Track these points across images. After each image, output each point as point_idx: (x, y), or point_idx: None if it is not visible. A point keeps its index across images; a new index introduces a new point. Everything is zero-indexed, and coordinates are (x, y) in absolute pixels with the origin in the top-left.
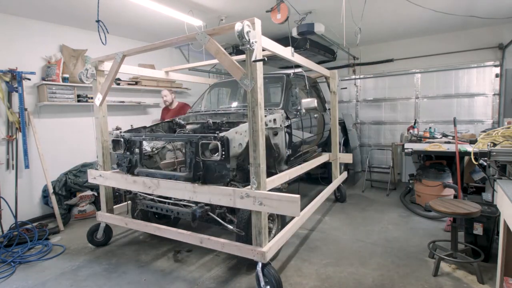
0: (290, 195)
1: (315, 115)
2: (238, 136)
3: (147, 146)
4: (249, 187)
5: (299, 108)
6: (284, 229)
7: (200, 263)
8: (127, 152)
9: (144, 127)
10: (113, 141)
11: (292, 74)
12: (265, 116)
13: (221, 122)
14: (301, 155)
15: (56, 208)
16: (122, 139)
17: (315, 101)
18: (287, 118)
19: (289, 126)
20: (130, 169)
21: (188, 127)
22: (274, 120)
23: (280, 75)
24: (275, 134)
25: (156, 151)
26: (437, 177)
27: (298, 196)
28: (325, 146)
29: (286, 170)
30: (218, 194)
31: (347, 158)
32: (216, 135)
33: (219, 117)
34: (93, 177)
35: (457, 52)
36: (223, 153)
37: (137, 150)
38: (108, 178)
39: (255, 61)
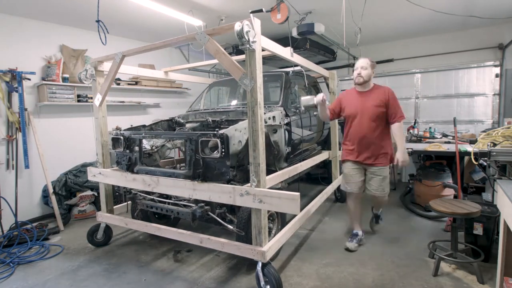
0: (290, 193)
1: (315, 113)
2: (237, 133)
3: (146, 144)
4: (248, 184)
5: (298, 106)
6: (284, 229)
7: (200, 263)
8: (127, 150)
9: (144, 126)
10: (113, 139)
11: (291, 72)
12: (264, 113)
13: (221, 120)
14: (300, 153)
15: (56, 208)
16: (121, 137)
17: (314, 98)
18: (287, 115)
19: (288, 124)
20: (129, 167)
21: (188, 125)
22: (273, 117)
23: (279, 73)
24: (275, 131)
25: (155, 149)
26: (437, 177)
27: (298, 193)
28: (325, 144)
29: (286, 168)
30: (218, 192)
31: None
32: (215, 132)
33: (218, 115)
34: (92, 174)
35: (457, 52)
36: (223, 150)
37: (136, 148)
38: (108, 176)
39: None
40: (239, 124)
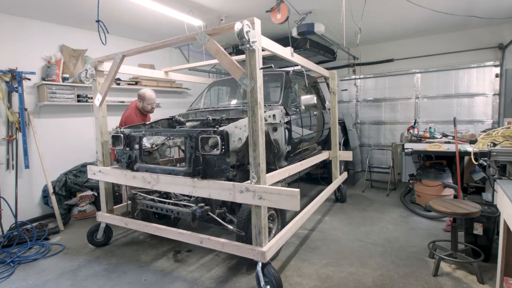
0: (290, 189)
1: (315, 113)
2: (237, 130)
3: (146, 142)
4: (248, 181)
5: (298, 105)
6: (284, 229)
7: (200, 263)
8: (127, 148)
9: (144, 124)
10: (113, 137)
11: (291, 71)
12: (265, 112)
13: (221, 118)
14: (300, 152)
15: (56, 208)
16: (121, 135)
17: (314, 97)
18: (287, 114)
19: (288, 122)
20: (129, 165)
21: (188, 124)
22: (274, 115)
23: (279, 73)
24: (275, 129)
25: (155, 147)
26: (437, 177)
27: (297, 190)
28: (325, 144)
29: (286, 167)
30: (218, 189)
31: (347, 155)
32: (215, 129)
33: (218, 113)
34: (92, 172)
35: (457, 52)
36: (223, 147)
37: (136, 146)
38: (108, 174)
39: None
40: (239, 121)
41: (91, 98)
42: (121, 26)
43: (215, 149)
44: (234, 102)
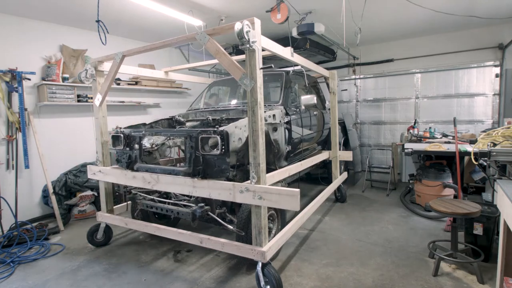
0: (289, 189)
1: (315, 113)
2: (238, 130)
3: (146, 142)
4: (248, 181)
5: (298, 105)
6: (284, 229)
7: (200, 263)
8: (127, 148)
9: (144, 124)
10: (113, 137)
11: (291, 71)
12: (265, 112)
13: (221, 118)
14: (300, 152)
15: (56, 208)
16: (122, 135)
17: (314, 97)
18: (287, 114)
19: (288, 122)
20: (129, 165)
21: (188, 124)
22: (274, 115)
23: (279, 73)
24: (275, 129)
25: (155, 147)
26: (437, 177)
27: (297, 190)
28: (325, 144)
29: (286, 167)
30: (218, 189)
31: (347, 155)
32: (215, 129)
33: (218, 113)
34: (92, 172)
35: (457, 52)
36: (223, 147)
37: (136, 146)
38: (108, 174)
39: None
40: (239, 121)
41: (91, 98)
42: (121, 26)
43: (215, 149)
44: (234, 102)
